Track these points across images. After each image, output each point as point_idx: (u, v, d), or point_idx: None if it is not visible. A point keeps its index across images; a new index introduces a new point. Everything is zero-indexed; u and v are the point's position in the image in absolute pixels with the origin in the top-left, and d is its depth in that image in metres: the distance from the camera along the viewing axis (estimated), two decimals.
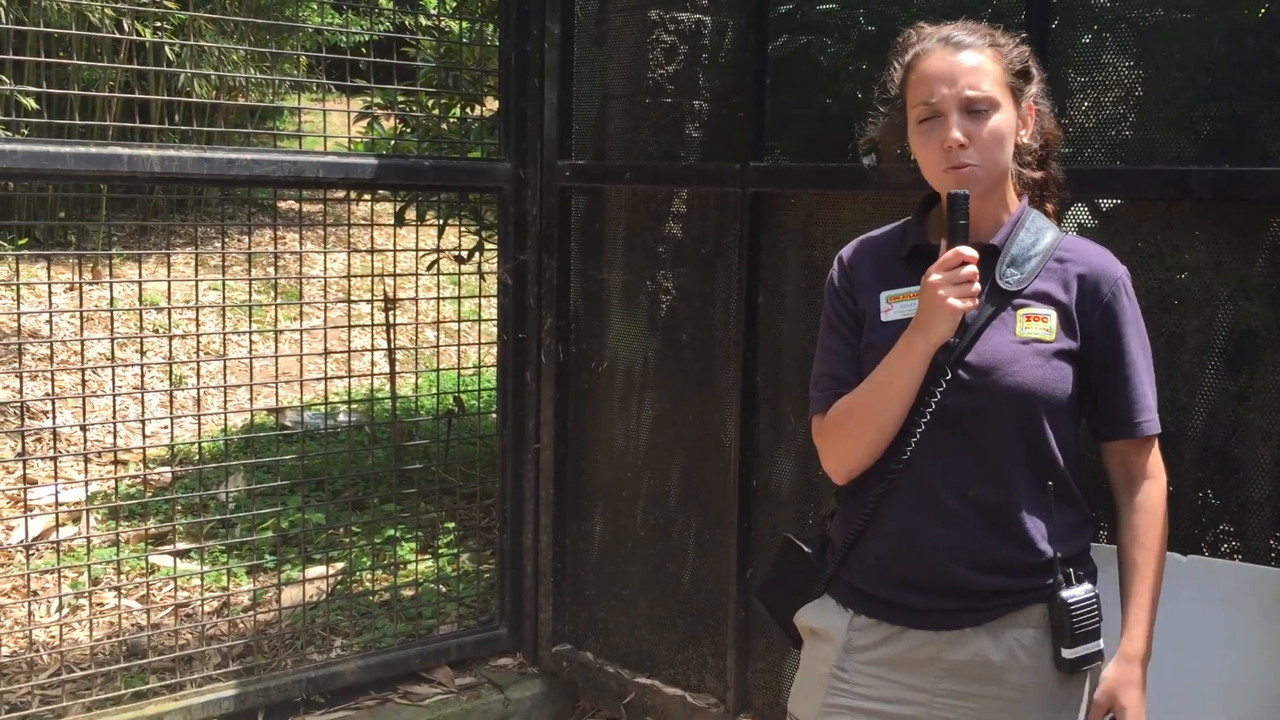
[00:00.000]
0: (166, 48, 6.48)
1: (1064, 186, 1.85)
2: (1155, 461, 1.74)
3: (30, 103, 5.83)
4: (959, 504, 1.66)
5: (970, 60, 1.66)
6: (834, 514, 1.84)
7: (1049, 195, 1.82)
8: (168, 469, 4.62)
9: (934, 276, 1.61)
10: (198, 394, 4.05)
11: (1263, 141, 2.14)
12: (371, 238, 3.70)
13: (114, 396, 3.48)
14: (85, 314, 5.73)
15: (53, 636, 3.48)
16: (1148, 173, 2.22)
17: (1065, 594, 1.64)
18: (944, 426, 1.66)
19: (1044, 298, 1.68)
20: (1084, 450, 1.79)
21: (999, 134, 1.66)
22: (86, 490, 3.91)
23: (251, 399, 4.74)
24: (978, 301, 1.62)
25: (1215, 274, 2.18)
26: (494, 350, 3.55)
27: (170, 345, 4.57)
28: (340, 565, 3.96)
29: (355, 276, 3.82)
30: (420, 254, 3.94)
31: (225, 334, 3.94)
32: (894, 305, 1.72)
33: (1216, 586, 2.02)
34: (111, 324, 3.51)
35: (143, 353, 4.34)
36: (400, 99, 4.51)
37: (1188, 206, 2.20)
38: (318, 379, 3.76)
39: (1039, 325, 1.66)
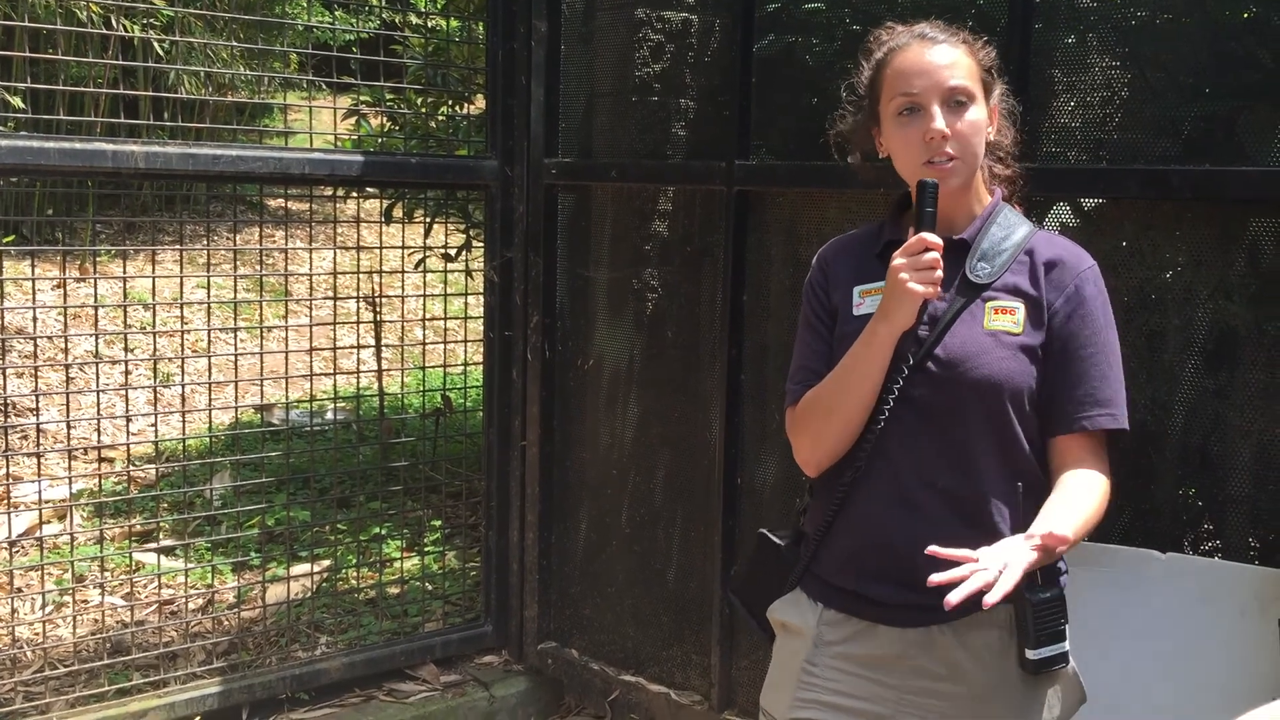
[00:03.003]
0: (155, 44, 6.46)
1: (1025, 184, 1.88)
2: (1103, 463, 1.67)
3: (17, 101, 5.81)
4: (928, 496, 1.67)
5: (948, 54, 1.69)
6: (807, 508, 1.85)
7: (1014, 192, 1.85)
8: (153, 466, 4.60)
9: (896, 261, 1.62)
10: (183, 391, 4.04)
11: (1243, 141, 2.15)
12: (358, 235, 3.69)
13: (99, 393, 3.47)
14: (71, 310, 5.72)
15: (36, 633, 3.47)
16: (1129, 172, 2.23)
17: (1031, 595, 1.63)
18: (914, 418, 1.67)
19: (1013, 290, 1.69)
20: None
21: (977, 127, 1.68)
22: (71, 487, 3.90)
23: (237, 396, 4.73)
24: (939, 289, 1.62)
25: (1195, 273, 2.19)
26: (481, 348, 3.55)
27: (156, 342, 4.56)
28: (326, 563, 3.96)
29: (342, 274, 3.82)
30: (408, 252, 3.94)
31: (211, 331, 3.93)
32: (866, 299, 1.74)
33: (1195, 584, 2.03)
34: (96, 320, 3.50)
35: (128, 349, 4.33)
36: (388, 97, 4.50)
37: (1169, 206, 2.22)
38: (304, 376, 3.76)
39: (1007, 318, 1.67)
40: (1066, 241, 1.76)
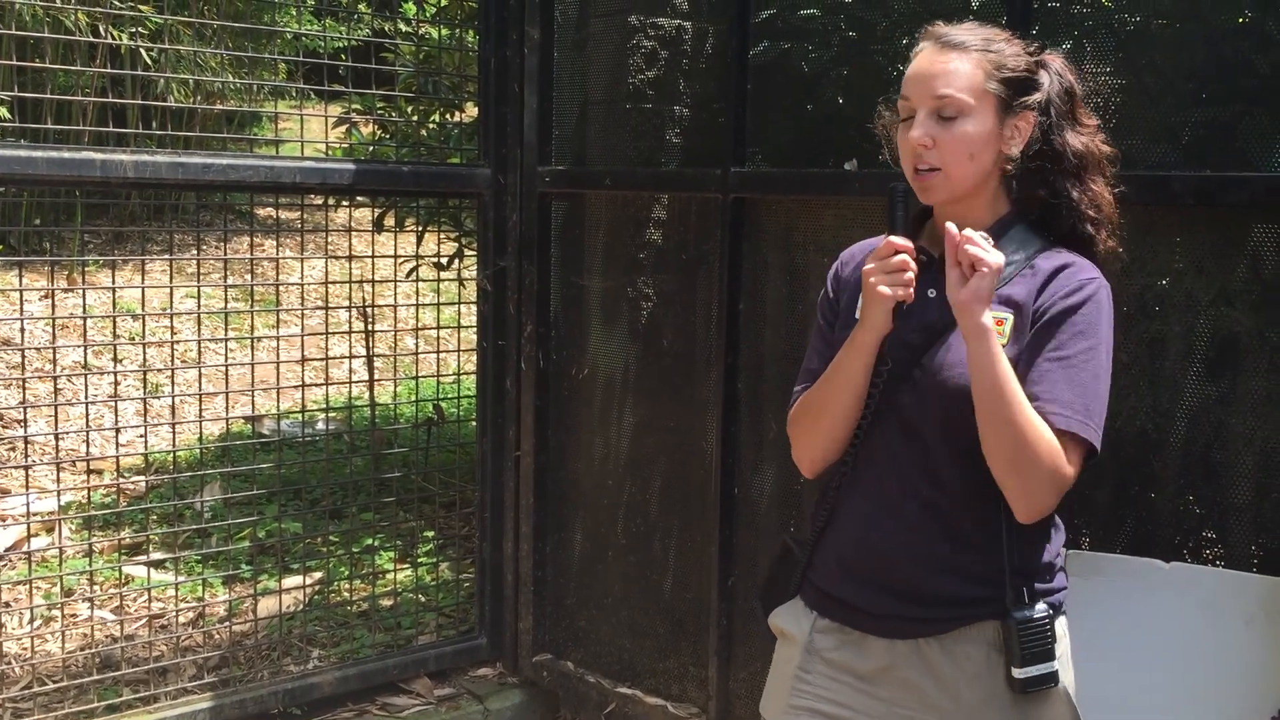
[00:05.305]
0: (143, 52, 6.43)
1: (1101, 208, 1.70)
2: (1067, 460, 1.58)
3: (3, 111, 5.77)
4: (911, 504, 1.66)
5: (948, 63, 1.64)
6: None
7: (1062, 217, 1.69)
8: (142, 478, 4.56)
9: (867, 266, 1.62)
10: (173, 402, 4.01)
11: (1243, 147, 2.14)
12: (350, 244, 3.67)
13: (87, 405, 3.43)
14: (59, 321, 5.67)
15: (24, 648, 3.43)
16: (1128, 178, 2.20)
17: (1017, 613, 1.62)
18: (898, 426, 1.67)
19: (1006, 301, 1.64)
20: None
21: (964, 140, 1.63)
22: (59, 500, 3.86)
23: (228, 407, 4.68)
24: (911, 292, 1.59)
25: (1197, 279, 2.18)
26: (474, 357, 3.52)
27: (145, 353, 4.52)
28: (318, 575, 3.92)
29: (333, 283, 3.79)
30: (399, 260, 3.92)
31: (201, 341, 3.90)
32: None
33: (1199, 592, 2.02)
34: (85, 331, 3.47)
35: (117, 360, 4.29)
36: (379, 105, 4.48)
37: (1169, 212, 2.20)
38: (295, 387, 3.73)
39: (994, 329, 1.64)
40: (1077, 255, 1.68)
